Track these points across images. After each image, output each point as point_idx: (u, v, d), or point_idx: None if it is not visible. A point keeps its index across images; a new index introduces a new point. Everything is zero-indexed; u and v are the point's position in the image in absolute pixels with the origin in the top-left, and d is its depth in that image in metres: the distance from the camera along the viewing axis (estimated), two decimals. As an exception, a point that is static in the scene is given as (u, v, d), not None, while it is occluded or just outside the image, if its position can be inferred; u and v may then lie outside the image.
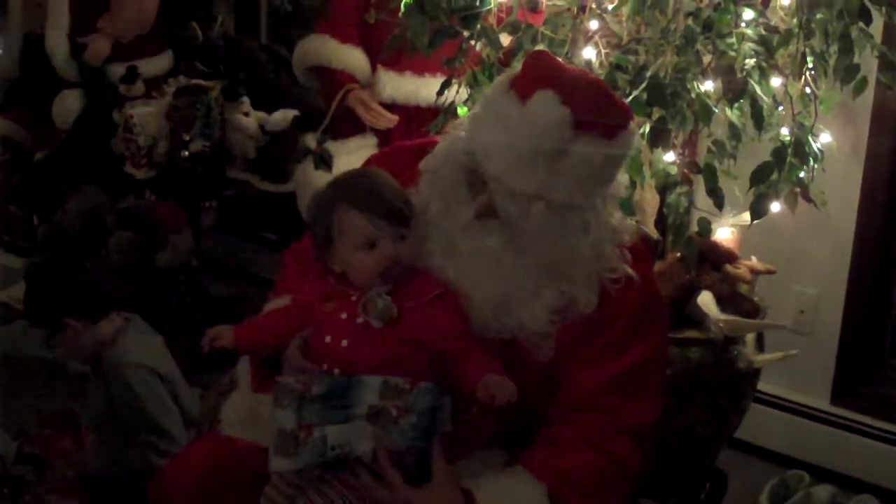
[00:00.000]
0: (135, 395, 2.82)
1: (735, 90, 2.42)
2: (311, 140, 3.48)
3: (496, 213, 1.84)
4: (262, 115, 3.82)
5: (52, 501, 2.83)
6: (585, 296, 1.88)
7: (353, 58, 3.37)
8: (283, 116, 3.79)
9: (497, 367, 1.82)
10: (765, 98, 2.50)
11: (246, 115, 3.80)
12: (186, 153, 3.65)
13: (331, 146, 3.43)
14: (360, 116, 3.35)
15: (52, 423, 3.20)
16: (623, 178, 1.98)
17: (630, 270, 1.92)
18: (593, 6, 2.53)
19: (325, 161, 3.34)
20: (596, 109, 1.79)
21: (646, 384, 1.96)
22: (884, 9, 2.52)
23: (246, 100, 3.80)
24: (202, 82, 3.73)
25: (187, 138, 3.65)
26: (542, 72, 1.83)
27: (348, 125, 3.42)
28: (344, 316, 1.85)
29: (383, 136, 3.38)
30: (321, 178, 3.36)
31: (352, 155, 3.33)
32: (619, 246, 1.93)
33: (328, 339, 1.85)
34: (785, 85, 2.54)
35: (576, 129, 1.77)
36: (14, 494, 2.88)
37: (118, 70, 4.10)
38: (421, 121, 2.02)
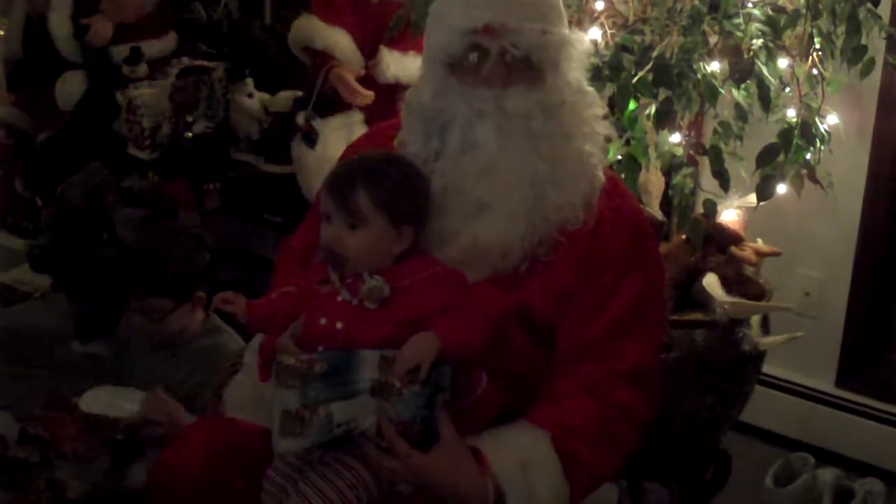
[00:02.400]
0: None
1: (742, 71, 2.41)
2: (300, 118, 3.50)
3: (509, 73, 1.86)
4: (265, 96, 3.82)
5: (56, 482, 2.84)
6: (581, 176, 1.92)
7: (334, 38, 3.40)
8: (287, 97, 3.79)
9: (466, 329, 1.81)
10: (771, 79, 2.49)
11: (250, 96, 3.80)
12: (190, 134, 3.65)
13: (318, 123, 3.45)
14: (340, 93, 3.38)
15: (56, 405, 3.21)
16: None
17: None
18: (599, -14, 2.52)
19: (310, 138, 3.37)
20: None
21: (641, 324, 1.95)
22: (892, -11, 2.51)
23: (249, 81, 3.80)
24: (206, 63, 3.72)
25: (191, 120, 3.64)
26: None
27: (336, 102, 3.43)
28: (339, 298, 1.85)
29: (371, 113, 3.38)
30: (308, 155, 3.39)
31: (336, 131, 3.38)
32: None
33: (323, 321, 1.84)
34: (792, 66, 2.53)
35: None
36: (17, 475, 2.89)
37: (121, 51, 4.09)
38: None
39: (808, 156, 2.56)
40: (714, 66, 2.45)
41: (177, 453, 2.03)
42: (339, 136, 3.32)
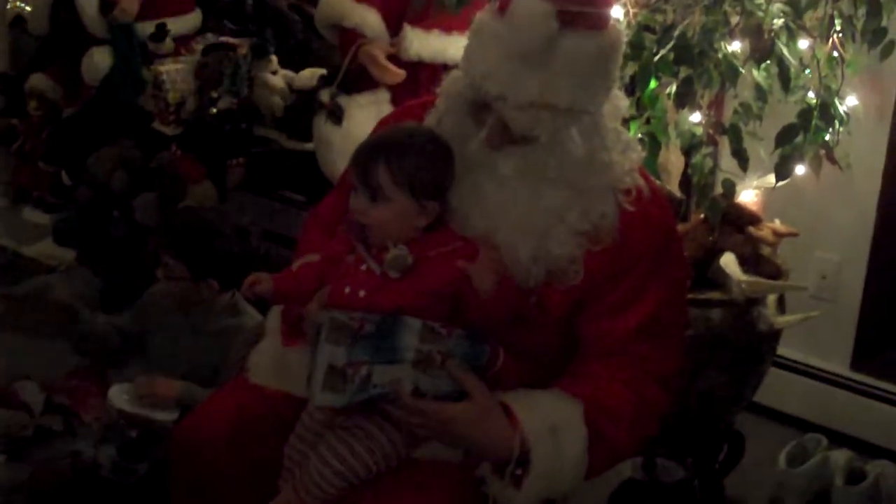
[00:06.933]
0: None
1: (762, 50, 2.42)
2: (325, 95, 3.51)
3: (507, 137, 1.85)
4: (289, 73, 3.84)
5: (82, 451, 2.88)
6: (603, 209, 1.89)
7: (364, 16, 3.38)
8: (311, 75, 3.81)
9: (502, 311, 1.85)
10: (791, 60, 2.50)
11: (274, 73, 3.82)
12: (214, 110, 3.68)
13: (343, 101, 3.45)
14: (370, 71, 3.38)
15: (81, 375, 3.25)
16: (624, 100, 1.98)
17: (640, 179, 1.93)
18: (622, -34, 2.53)
19: (335, 115, 3.37)
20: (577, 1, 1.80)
21: (670, 327, 1.98)
22: (914, -28, 2.52)
23: (274, 58, 3.83)
24: (231, 40, 3.74)
25: (215, 95, 3.67)
26: None
27: (362, 80, 3.43)
28: (364, 267, 1.88)
29: (397, 91, 3.39)
30: (332, 133, 3.40)
31: (363, 109, 3.37)
32: (629, 163, 1.94)
33: (347, 289, 1.87)
34: (812, 47, 2.54)
35: (561, 23, 1.77)
36: (41, 444, 2.93)
37: (147, 28, 4.13)
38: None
39: (827, 137, 2.57)
40: (735, 46, 2.46)
41: (202, 416, 2.06)
42: (366, 113, 3.30)
